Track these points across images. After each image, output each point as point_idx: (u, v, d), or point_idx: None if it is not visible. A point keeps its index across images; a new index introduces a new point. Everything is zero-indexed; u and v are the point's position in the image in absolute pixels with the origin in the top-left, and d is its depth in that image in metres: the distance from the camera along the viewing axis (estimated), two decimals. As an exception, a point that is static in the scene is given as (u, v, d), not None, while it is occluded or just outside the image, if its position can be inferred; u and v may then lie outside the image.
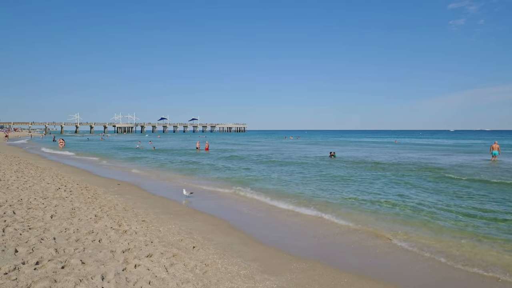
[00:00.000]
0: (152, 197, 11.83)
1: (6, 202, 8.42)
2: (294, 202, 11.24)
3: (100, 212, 8.49)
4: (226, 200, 11.85)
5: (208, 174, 18.39)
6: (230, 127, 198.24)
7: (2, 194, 9.39)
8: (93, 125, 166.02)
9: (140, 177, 17.32)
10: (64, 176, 15.29)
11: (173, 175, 18.14)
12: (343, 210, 10.05)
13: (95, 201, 9.98)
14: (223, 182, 15.65)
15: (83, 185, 12.99)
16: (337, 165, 22.23)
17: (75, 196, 10.28)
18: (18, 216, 7.23)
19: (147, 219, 8.28)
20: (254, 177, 17.17)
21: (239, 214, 9.85)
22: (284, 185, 14.64)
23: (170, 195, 12.64)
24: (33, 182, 12.28)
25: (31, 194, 9.85)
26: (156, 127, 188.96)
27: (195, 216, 9.17)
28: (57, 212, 7.99)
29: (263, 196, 12.45)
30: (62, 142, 45.03)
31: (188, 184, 14.80)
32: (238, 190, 13.57)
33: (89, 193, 11.21)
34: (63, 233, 6.37)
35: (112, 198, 10.72)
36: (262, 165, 22.84)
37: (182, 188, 13.27)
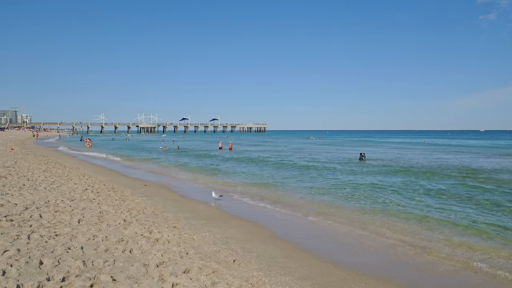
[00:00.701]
0: (181, 199, 11.26)
1: (33, 204, 8.02)
2: (336, 210, 10.37)
3: (129, 216, 7.94)
4: (257, 204, 11.11)
5: (234, 176, 17.74)
6: (250, 127, 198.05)
7: (30, 195, 9.05)
8: (117, 125, 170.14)
9: (166, 177, 16.89)
10: (91, 176, 15.03)
11: (199, 176, 17.62)
12: (389, 219, 9.11)
13: (122, 203, 9.49)
14: (251, 185, 14.95)
15: (110, 185, 12.61)
16: (373, 169, 21.09)
17: (102, 198, 9.83)
18: (44, 220, 6.76)
19: (179, 225, 7.65)
20: (285, 181, 16.38)
21: (274, 220, 9.08)
22: (321, 191, 13.76)
23: (198, 196, 12.06)
24: (61, 182, 11.99)
25: (58, 196, 9.47)
26: (178, 127, 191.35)
27: (228, 222, 8.48)
28: (85, 216, 7.49)
29: (298, 200, 11.66)
30: (89, 142, 45.85)
31: (214, 186, 14.19)
32: (268, 193, 12.83)
33: (116, 195, 10.76)
34: (91, 241, 5.81)
35: (140, 201, 10.21)
36: (292, 167, 21.98)
37: (210, 190, 12.67)
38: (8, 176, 12.05)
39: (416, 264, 6.02)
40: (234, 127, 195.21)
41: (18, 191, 9.51)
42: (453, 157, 28.90)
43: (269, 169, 20.49)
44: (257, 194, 12.74)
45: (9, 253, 4.85)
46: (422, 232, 7.95)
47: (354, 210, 10.17)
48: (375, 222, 8.76)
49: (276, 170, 19.77)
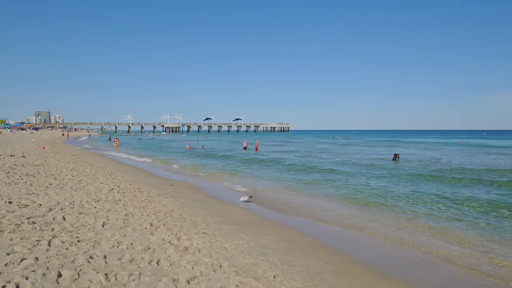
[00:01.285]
0: (208, 201, 10.67)
1: (57, 205, 7.64)
2: (380, 218, 9.43)
3: (155, 220, 7.39)
4: (289, 207, 10.32)
5: (261, 178, 17.03)
6: (273, 127, 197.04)
7: (55, 195, 8.72)
8: (143, 125, 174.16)
9: (192, 177, 16.42)
10: (118, 175, 14.78)
11: (225, 176, 17.04)
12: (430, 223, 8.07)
13: (149, 205, 8.99)
14: (282, 187, 14.18)
15: (136, 185, 12.22)
16: (411, 171, 19.80)
17: (128, 199, 9.39)
18: (67, 223, 6.30)
19: (208, 230, 7.01)
20: (316, 181, 15.50)
21: (312, 226, 8.27)
22: (358, 194, 12.79)
23: (226, 198, 11.45)
24: (87, 181, 11.71)
25: (84, 196, 9.11)
26: (202, 127, 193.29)
27: (261, 228, 7.76)
28: (109, 219, 7.00)
29: (333, 204, 10.78)
30: (116, 141, 46.63)
31: (241, 188, 13.54)
32: (300, 197, 12.02)
33: (143, 196, 10.30)
34: (115, 248, 5.25)
35: (166, 202, 9.70)
36: (322, 170, 21.02)
37: (237, 191, 12.02)
38: (36, 174, 11.91)
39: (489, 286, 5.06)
40: (258, 126, 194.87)
41: (44, 190, 9.22)
42: (496, 158, 26.85)
43: (298, 171, 19.63)
44: (289, 197, 11.97)
45: (26, 262, 4.35)
46: (485, 245, 6.91)
47: (399, 218, 9.18)
48: (425, 234, 7.77)
49: (306, 173, 18.89)
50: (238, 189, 13.06)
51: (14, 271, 4.07)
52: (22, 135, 54.12)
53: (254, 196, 11.57)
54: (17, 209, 6.88)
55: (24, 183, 9.94)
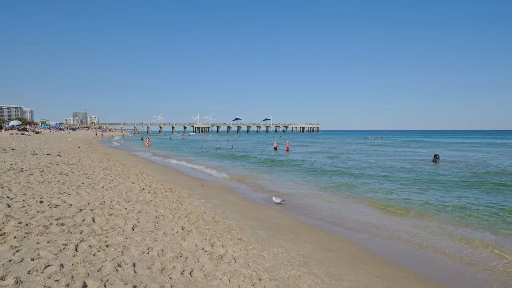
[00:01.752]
0: (241, 203, 10.15)
1: (88, 205, 7.40)
2: (434, 225, 8.51)
3: (187, 223, 6.95)
4: (327, 211, 9.58)
5: (295, 179, 16.33)
6: (303, 127, 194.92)
7: (87, 195, 8.54)
8: (174, 125, 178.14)
9: (222, 177, 16.01)
10: (149, 175, 14.65)
11: (256, 177, 16.50)
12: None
13: (180, 206, 8.60)
14: (316, 189, 13.42)
15: (167, 186, 11.95)
16: (455, 174, 18.37)
17: (159, 200, 9.06)
18: (96, 225, 5.98)
19: (244, 236, 6.46)
20: (351, 185, 14.60)
21: (353, 234, 7.51)
22: (403, 198, 11.83)
23: (259, 200, 10.89)
24: (119, 181, 11.58)
25: (115, 196, 8.87)
26: (231, 127, 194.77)
27: (300, 233, 7.12)
28: (140, 221, 6.63)
29: (372, 210, 9.93)
30: (148, 141, 47.54)
31: (274, 189, 12.93)
32: (339, 199, 11.22)
33: (174, 196, 9.96)
34: (144, 255, 4.82)
35: (198, 204, 9.28)
36: (356, 170, 19.99)
37: (270, 192, 11.43)
38: (69, 173, 11.94)
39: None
40: (287, 127, 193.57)
41: (76, 189, 9.09)
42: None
43: (331, 173, 18.74)
44: (324, 201, 11.22)
45: (50, 269, 3.99)
46: None
47: (446, 227, 8.21)
48: (484, 250, 6.79)
49: (340, 176, 17.97)
50: (270, 191, 12.46)
51: (37, 280, 3.71)
52: (60, 135, 56.61)
53: (288, 199, 10.94)
54: (47, 209, 6.67)
55: (57, 182, 9.89)
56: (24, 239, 4.92)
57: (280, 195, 11.37)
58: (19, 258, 4.24)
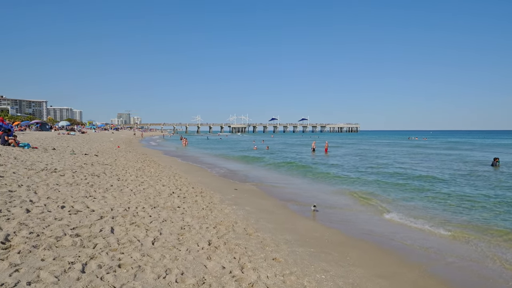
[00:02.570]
0: (275, 211, 9.18)
1: (110, 212, 6.83)
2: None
3: (215, 236, 6.11)
4: (376, 225, 8.34)
5: (336, 183, 15.05)
6: (341, 127, 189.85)
7: (112, 199, 8.02)
8: (211, 125, 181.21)
9: (257, 180, 15.13)
10: (181, 176, 14.14)
11: (293, 180, 15.45)
12: None
13: (209, 214, 7.81)
14: (362, 196, 12.11)
15: (199, 189, 11.28)
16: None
17: (187, 206, 8.34)
18: (113, 237, 5.31)
19: (279, 255, 5.49)
20: (402, 190, 13.09)
21: (411, 252, 6.26)
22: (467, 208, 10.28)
23: (294, 207, 9.88)
24: (149, 183, 11.09)
25: (142, 200, 8.29)
26: (267, 127, 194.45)
27: (345, 252, 6.02)
28: (163, 232, 5.90)
29: (431, 224, 8.51)
30: (185, 140, 48.03)
31: (312, 194, 11.80)
32: (384, 209, 9.90)
33: (204, 202, 9.22)
34: (160, 280, 4.02)
35: (229, 211, 8.45)
36: (405, 174, 18.27)
37: (308, 198, 10.34)
38: (101, 174, 11.66)
39: None
40: (324, 127, 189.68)
41: (103, 193, 8.63)
42: None
43: (377, 178, 17.21)
44: (373, 209, 9.94)
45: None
46: None
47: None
48: None
49: (388, 180, 16.42)
50: (308, 198, 11.37)
51: (23, 315, 3.00)
52: (103, 134, 59.08)
53: (328, 208, 9.83)
54: (66, 216, 6.14)
55: (86, 184, 9.54)
56: (29, 255, 4.31)
57: (319, 203, 10.29)
58: (14, 281, 3.59)
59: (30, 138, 27.74)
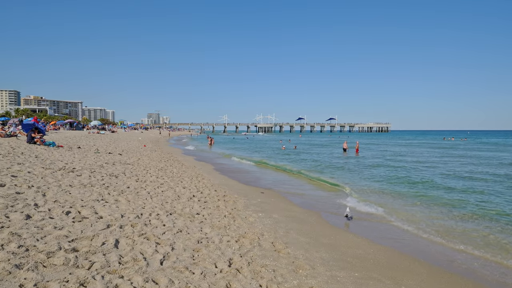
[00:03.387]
0: (308, 221, 8.05)
1: (120, 219, 6.00)
2: None
3: (237, 252, 5.10)
4: (422, 242, 7.02)
5: (373, 187, 13.65)
6: (370, 127, 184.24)
7: (125, 203, 7.23)
8: (238, 125, 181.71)
9: (285, 183, 14.02)
10: (204, 177, 13.31)
11: (324, 183, 14.19)
12: None
13: (232, 223, 6.82)
14: (404, 202, 10.72)
15: (222, 192, 10.36)
16: None
17: (207, 213, 7.40)
18: (116, 254, 4.43)
19: (317, 283, 4.40)
20: (450, 197, 11.55)
21: (485, 278, 4.95)
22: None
23: (330, 216, 8.69)
24: (169, 185, 10.29)
25: (157, 205, 7.44)
26: (294, 126, 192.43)
27: (398, 278, 4.82)
28: (175, 247, 4.96)
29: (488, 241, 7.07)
30: (211, 140, 47.64)
31: (348, 202, 10.53)
32: (433, 221, 8.50)
33: (227, 207, 8.26)
34: (163, 321, 3.05)
35: (255, 219, 7.43)
36: (451, 179, 16.53)
37: (342, 204, 9.13)
38: (120, 174, 11.02)
39: None
40: (353, 126, 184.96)
41: (117, 195, 7.87)
42: None
43: (417, 182, 15.61)
44: (423, 218, 8.57)
45: None
46: None
47: None
48: None
49: (429, 186, 14.80)
50: (343, 203, 10.13)
51: None
52: (132, 134, 60.07)
53: (372, 215, 8.57)
54: (69, 224, 5.35)
55: (101, 185, 8.85)
56: (7, 278, 3.49)
57: (353, 213, 9.07)
58: (-29, 320, 2.74)
59: (60, 136, 28.16)
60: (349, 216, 8.37)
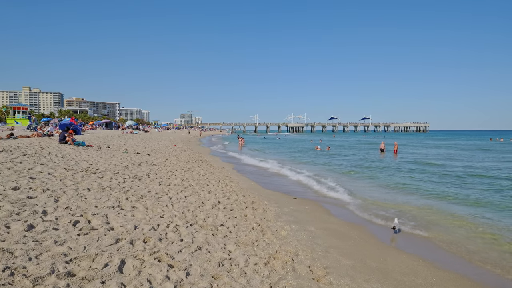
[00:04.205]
0: (351, 235, 6.91)
1: (132, 231, 5.22)
2: None
3: (266, 282, 4.12)
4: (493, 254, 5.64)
5: (420, 194, 12.14)
6: (407, 127, 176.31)
7: (143, 211, 6.48)
8: (268, 125, 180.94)
9: (325, 188, 12.82)
10: (232, 180, 12.46)
11: (364, 188, 12.85)
12: None
13: (261, 238, 5.85)
14: (459, 212, 9.24)
15: (250, 197, 9.43)
16: None
17: (233, 224, 6.48)
18: (116, 282, 3.60)
19: (372, 331, 3.30)
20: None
21: None
22: None
23: (376, 229, 7.47)
24: (194, 189, 9.52)
25: (178, 214, 6.63)
26: (326, 126, 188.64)
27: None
28: (190, 272, 4.07)
29: None
30: (242, 140, 47.05)
31: (393, 213, 9.21)
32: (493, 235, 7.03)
33: (255, 217, 7.31)
34: None
35: (287, 233, 6.41)
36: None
37: (386, 215, 7.86)
38: (143, 177, 10.41)
39: None
40: (388, 126, 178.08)
41: (135, 201, 7.16)
42: None
43: (473, 188, 13.84)
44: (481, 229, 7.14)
45: None
46: None
47: None
48: None
49: (489, 192, 13.04)
50: (386, 215, 8.83)
51: None
52: (165, 133, 60.92)
53: (424, 227, 7.26)
54: (73, 238, 4.63)
55: (121, 189, 8.21)
56: (-28, 318, 2.74)
57: (401, 218, 7.79)
58: None
59: (94, 136, 28.63)
60: (397, 229, 7.15)
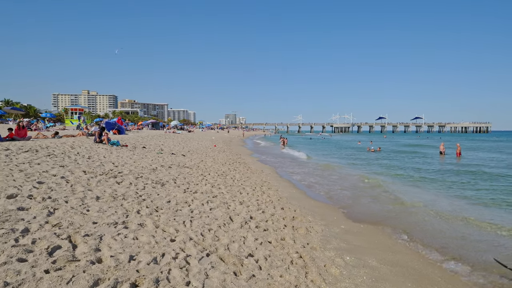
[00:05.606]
0: (428, 274, 5.02)
1: (124, 266, 3.82)
2: None
3: None
4: None
5: (488, 204, 9.59)
6: (465, 127, 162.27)
7: (151, 230, 5.09)
8: (313, 125, 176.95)
9: (385, 200, 10.70)
10: (271, 187, 10.84)
11: (433, 202, 10.50)
12: None
13: (303, 280, 4.15)
14: None
15: (290, 212, 7.72)
16: None
17: (266, 255, 4.83)
18: None
19: None
20: None
21: None
22: None
23: (461, 269, 5.39)
24: (223, 199, 8.03)
25: (193, 236, 5.15)
26: (374, 126, 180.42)
27: None
28: None
29: None
30: (284, 141, 45.25)
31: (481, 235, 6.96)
32: None
33: (296, 242, 5.60)
34: None
35: (339, 271, 4.64)
36: None
37: (475, 242, 5.69)
38: (169, 181, 9.16)
39: None
40: (443, 126, 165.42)
41: (146, 216, 5.81)
42: None
43: None
44: None
45: None
46: None
47: None
48: None
49: None
50: (477, 237, 6.63)
51: None
52: (208, 133, 61.02)
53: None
54: (36, 279, 3.30)
55: (136, 198, 6.96)
56: None
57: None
58: None
59: (136, 135, 28.61)
60: (510, 267, 5.04)
